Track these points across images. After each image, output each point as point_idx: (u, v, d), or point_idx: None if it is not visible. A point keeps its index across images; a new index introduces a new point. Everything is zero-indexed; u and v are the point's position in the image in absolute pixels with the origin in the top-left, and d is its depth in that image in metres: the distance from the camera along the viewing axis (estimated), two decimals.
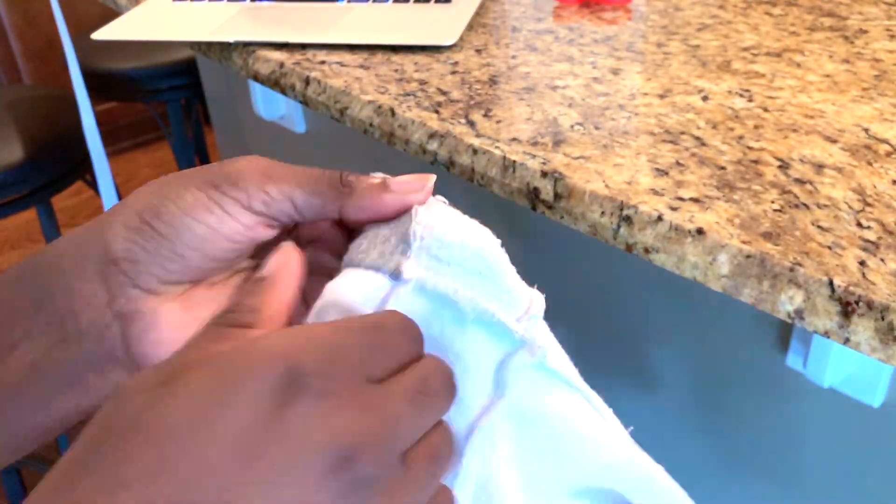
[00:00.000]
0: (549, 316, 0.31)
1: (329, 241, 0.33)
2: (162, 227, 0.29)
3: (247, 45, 0.72)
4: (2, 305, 0.30)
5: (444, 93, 0.61)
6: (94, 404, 0.31)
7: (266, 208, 0.30)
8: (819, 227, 0.43)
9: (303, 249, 0.31)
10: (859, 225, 0.43)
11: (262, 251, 0.32)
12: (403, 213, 0.31)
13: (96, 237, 0.30)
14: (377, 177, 0.32)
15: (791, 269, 0.40)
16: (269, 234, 0.31)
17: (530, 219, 0.98)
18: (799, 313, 0.40)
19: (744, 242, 0.42)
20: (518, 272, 0.30)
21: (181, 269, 0.30)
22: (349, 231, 0.33)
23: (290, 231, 0.33)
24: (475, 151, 0.53)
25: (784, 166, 0.48)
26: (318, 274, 0.32)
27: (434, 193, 0.32)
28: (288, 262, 0.29)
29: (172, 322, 0.30)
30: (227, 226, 0.30)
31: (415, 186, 0.31)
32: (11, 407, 0.30)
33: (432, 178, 0.31)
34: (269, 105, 1.38)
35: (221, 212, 0.30)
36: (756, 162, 0.49)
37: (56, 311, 0.30)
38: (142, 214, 0.30)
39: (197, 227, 0.30)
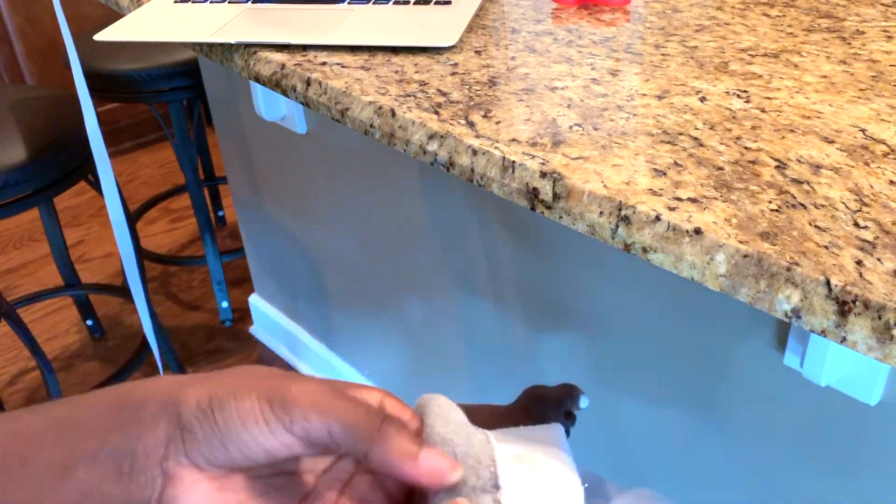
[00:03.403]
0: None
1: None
2: (220, 420, 0.33)
3: (248, 46, 0.73)
4: (83, 423, 0.34)
5: (443, 94, 0.61)
6: None
7: (305, 434, 0.34)
8: (816, 226, 0.43)
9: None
10: (856, 225, 0.43)
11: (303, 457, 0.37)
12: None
13: (176, 400, 0.34)
14: (414, 439, 0.35)
15: (788, 269, 0.40)
16: (306, 452, 0.35)
17: (530, 219, 0.98)
18: (796, 312, 0.40)
19: (741, 242, 0.42)
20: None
21: (224, 460, 0.33)
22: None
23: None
24: (475, 152, 0.54)
25: (781, 167, 0.49)
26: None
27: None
28: None
29: (203, 499, 0.34)
30: (268, 441, 0.33)
31: (439, 476, 0.35)
32: None
33: (459, 473, 0.35)
34: (270, 106, 1.39)
35: (266, 428, 0.33)
36: (753, 162, 0.49)
37: (122, 445, 0.33)
38: (211, 400, 0.33)
39: (243, 434, 0.33)
